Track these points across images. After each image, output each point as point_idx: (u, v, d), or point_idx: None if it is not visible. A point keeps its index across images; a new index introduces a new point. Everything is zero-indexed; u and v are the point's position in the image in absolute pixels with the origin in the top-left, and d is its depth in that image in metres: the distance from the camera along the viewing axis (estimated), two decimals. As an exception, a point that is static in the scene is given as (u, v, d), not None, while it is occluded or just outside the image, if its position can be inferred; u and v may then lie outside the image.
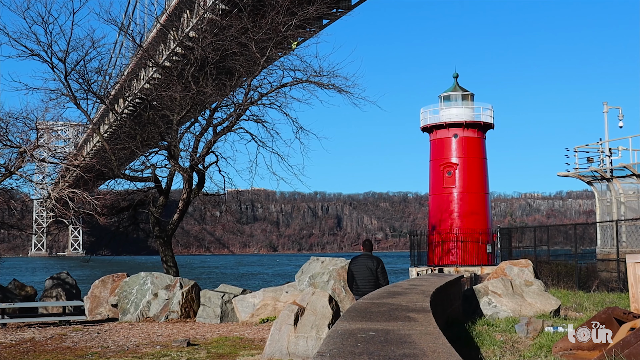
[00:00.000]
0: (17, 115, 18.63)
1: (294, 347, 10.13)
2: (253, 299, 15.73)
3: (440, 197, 36.58)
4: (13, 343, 12.53)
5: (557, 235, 30.85)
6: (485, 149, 37.15)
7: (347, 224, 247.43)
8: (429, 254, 35.89)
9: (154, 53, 27.72)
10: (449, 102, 37.06)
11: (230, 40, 20.03)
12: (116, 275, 17.85)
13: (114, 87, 24.93)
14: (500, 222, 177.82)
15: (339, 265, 15.51)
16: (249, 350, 11.35)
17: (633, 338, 7.16)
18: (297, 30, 20.58)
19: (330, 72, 20.26)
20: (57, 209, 19.57)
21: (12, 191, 21.25)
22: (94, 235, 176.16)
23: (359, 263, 11.26)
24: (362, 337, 4.62)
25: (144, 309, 16.02)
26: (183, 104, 20.14)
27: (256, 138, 21.37)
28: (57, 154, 20.96)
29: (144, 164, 22.01)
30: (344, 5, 32.97)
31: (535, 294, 13.75)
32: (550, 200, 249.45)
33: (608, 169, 29.22)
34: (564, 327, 10.33)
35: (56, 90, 20.10)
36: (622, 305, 12.96)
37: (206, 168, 21.47)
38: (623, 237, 26.95)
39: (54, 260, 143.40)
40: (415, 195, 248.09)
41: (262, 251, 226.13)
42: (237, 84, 21.14)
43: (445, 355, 4.02)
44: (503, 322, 11.78)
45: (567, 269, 24.54)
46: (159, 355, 10.87)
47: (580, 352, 8.17)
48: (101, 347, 11.83)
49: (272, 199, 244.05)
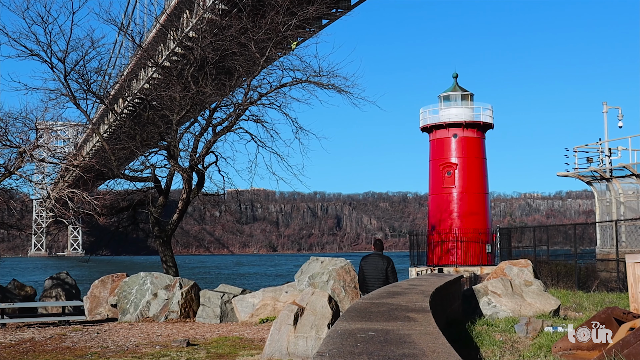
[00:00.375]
0: (17, 115, 18.63)
1: (293, 347, 10.13)
2: (253, 299, 15.73)
3: (439, 197, 36.58)
4: (12, 343, 12.52)
5: (556, 235, 30.86)
6: (484, 149, 37.16)
7: (346, 224, 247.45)
8: (429, 254, 35.89)
9: (153, 53, 27.72)
10: (448, 102, 37.07)
11: (230, 40, 20.03)
12: (116, 275, 17.85)
13: (114, 87, 24.93)
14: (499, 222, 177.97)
15: (339, 265, 15.50)
16: (249, 350, 11.34)
17: (632, 338, 7.16)
18: (296, 30, 20.58)
19: (329, 72, 20.28)
20: (57, 209, 19.54)
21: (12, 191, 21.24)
22: (94, 235, 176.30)
23: (370, 262, 11.56)
24: (361, 337, 4.62)
25: (143, 309, 16.02)
26: (182, 104, 20.14)
27: (256, 138, 21.40)
28: (57, 154, 20.94)
29: (144, 164, 22.01)
30: (343, 5, 33.00)
31: (535, 294, 13.76)
32: (549, 200, 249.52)
33: (607, 169, 29.23)
34: (564, 327, 10.33)
35: (56, 90, 20.11)
36: (621, 305, 12.96)
37: (206, 168, 21.48)
38: (622, 237, 26.97)
39: (53, 260, 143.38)
40: (414, 195, 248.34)
41: (262, 251, 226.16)
42: (236, 84, 21.13)
43: (444, 355, 4.02)
44: (502, 322, 11.78)
45: (567, 269, 24.55)
46: (159, 355, 10.87)
47: (579, 352, 8.17)
48: (101, 347, 11.83)
49: (271, 199, 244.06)
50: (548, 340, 9.41)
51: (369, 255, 11.82)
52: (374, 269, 11.42)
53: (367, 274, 11.48)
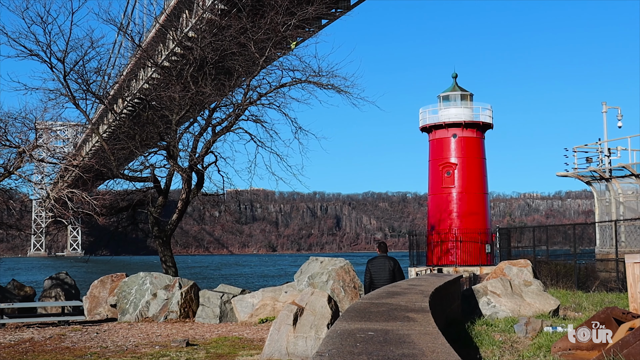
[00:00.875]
0: (16, 115, 18.62)
1: (293, 347, 10.13)
2: (252, 299, 15.73)
3: (439, 197, 36.60)
4: (12, 343, 12.52)
5: (556, 235, 30.86)
6: (484, 149, 37.18)
7: (346, 224, 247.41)
8: (428, 254, 35.91)
9: (153, 53, 27.70)
10: (448, 102, 37.08)
11: (229, 40, 20.02)
12: (115, 276, 17.85)
13: (113, 87, 24.90)
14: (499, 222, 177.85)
15: (338, 265, 15.50)
16: (248, 350, 11.34)
17: (632, 338, 7.17)
18: (296, 31, 20.58)
19: (329, 72, 20.27)
20: (56, 209, 19.53)
21: (11, 191, 21.23)
22: (93, 236, 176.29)
23: (378, 263, 11.80)
24: (361, 337, 4.62)
25: (143, 309, 16.01)
26: (182, 104, 20.13)
27: (255, 138, 21.39)
28: (56, 154, 20.95)
29: (143, 164, 21.99)
30: (343, 5, 33.00)
31: (534, 294, 13.76)
32: (549, 200, 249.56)
33: (607, 169, 29.24)
34: (563, 327, 10.34)
35: (55, 90, 20.09)
36: (621, 305, 12.96)
37: (205, 168, 21.47)
38: (622, 237, 26.97)
39: (52, 261, 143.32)
40: (414, 195, 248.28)
41: (261, 251, 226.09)
42: (236, 84, 21.13)
43: (444, 355, 4.02)
44: (502, 322, 11.78)
45: (566, 269, 24.55)
46: (158, 356, 10.87)
47: (579, 352, 8.17)
48: (100, 347, 11.83)
49: (271, 199, 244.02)
50: (547, 340, 9.41)
51: (375, 258, 12.02)
52: (382, 270, 11.64)
53: (375, 275, 11.66)
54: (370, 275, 11.73)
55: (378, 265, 11.72)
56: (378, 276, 11.61)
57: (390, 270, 11.58)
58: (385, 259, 11.82)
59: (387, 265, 11.66)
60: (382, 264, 11.73)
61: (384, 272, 11.59)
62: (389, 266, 11.64)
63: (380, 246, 12.23)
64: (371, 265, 11.85)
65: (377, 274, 11.63)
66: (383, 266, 11.67)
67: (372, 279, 11.67)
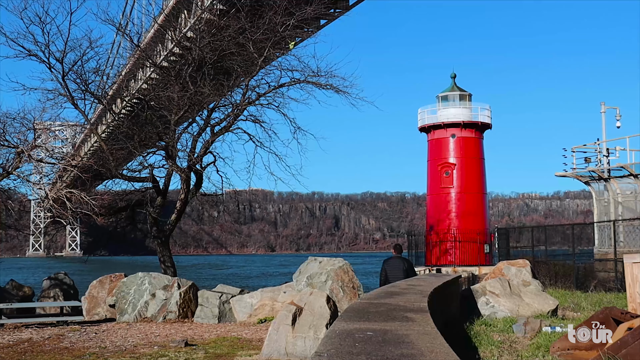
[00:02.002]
0: (15, 116, 18.66)
1: (292, 347, 10.13)
2: (251, 299, 15.72)
3: (438, 197, 36.62)
4: (11, 343, 12.51)
5: (554, 235, 30.85)
6: (483, 149, 37.20)
7: (344, 224, 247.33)
8: (427, 254, 35.93)
9: (151, 53, 27.70)
10: (446, 102, 37.10)
11: (228, 40, 20.03)
12: (114, 276, 17.82)
13: (112, 88, 24.90)
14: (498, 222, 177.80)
15: (337, 265, 15.50)
16: (247, 350, 11.34)
17: (630, 338, 7.17)
18: (294, 31, 20.58)
19: (328, 73, 20.28)
20: (55, 209, 19.54)
21: (10, 191, 21.24)
22: (92, 236, 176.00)
23: (392, 263, 13.19)
24: (360, 337, 4.62)
25: (141, 309, 16.00)
26: (181, 104, 20.12)
27: (254, 138, 21.39)
28: (55, 154, 20.96)
29: (142, 164, 22.00)
30: (341, 5, 32.96)
31: (533, 294, 13.77)
32: (547, 200, 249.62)
33: (605, 169, 29.27)
34: (562, 327, 10.35)
35: (54, 90, 20.09)
36: (619, 305, 12.97)
37: (204, 168, 21.46)
38: (620, 237, 26.98)
39: (51, 261, 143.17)
40: (413, 196, 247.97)
41: (260, 251, 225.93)
42: (234, 84, 21.13)
43: (443, 355, 4.03)
44: (501, 322, 11.78)
45: (565, 269, 24.56)
46: (157, 356, 10.87)
47: (577, 352, 8.18)
48: (99, 348, 11.82)
49: (269, 199, 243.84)
50: (546, 340, 9.42)
51: (390, 258, 13.41)
52: (396, 269, 12.93)
53: (390, 274, 12.85)
54: (386, 273, 13.01)
55: (393, 265, 13.07)
56: (392, 275, 12.77)
57: (404, 270, 12.85)
58: (399, 260, 13.24)
59: (401, 265, 13.03)
60: (396, 264, 13.09)
61: (398, 271, 12.85)
62: (403, 266, 13.00)
63: (395, 248, 13.70)
64: (387, 265, 13.22)
65: (392, 273, 12.86)
66: (397, 266, 13.00)
67: (387, 277, 12.82)
